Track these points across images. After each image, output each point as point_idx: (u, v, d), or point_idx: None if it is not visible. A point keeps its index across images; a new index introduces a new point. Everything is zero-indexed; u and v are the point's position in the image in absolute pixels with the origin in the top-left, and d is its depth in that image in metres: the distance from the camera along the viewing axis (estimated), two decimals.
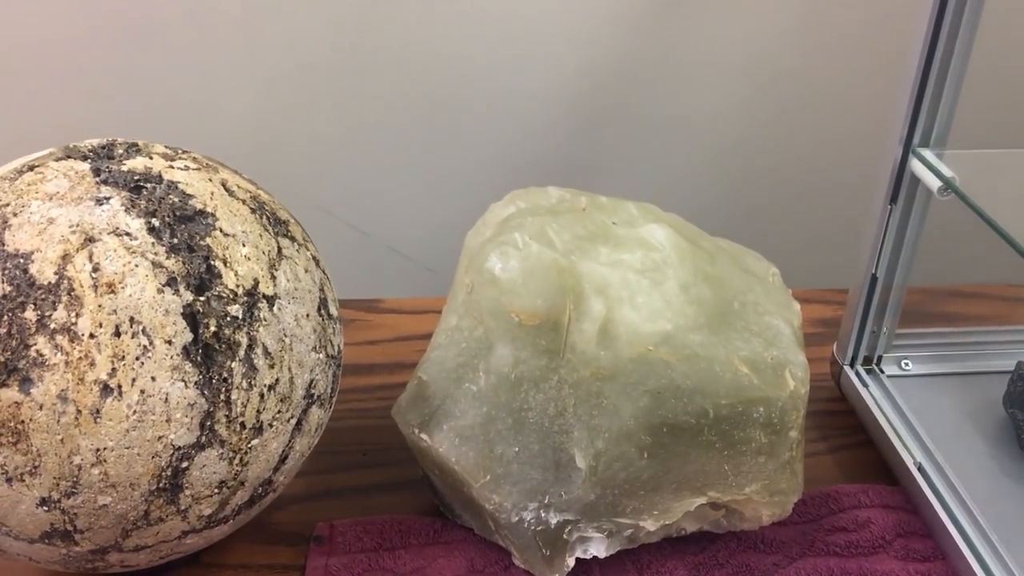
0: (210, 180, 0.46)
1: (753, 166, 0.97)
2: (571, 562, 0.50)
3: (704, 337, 0.49)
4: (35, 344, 0.40)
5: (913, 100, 0.55)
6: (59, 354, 0.40)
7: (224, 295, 0.43)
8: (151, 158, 0.46)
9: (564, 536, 0.50)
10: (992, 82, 0.86)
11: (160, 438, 0.41)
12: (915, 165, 0.56)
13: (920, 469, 0.56)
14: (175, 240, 0.43)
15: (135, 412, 0.40)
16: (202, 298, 0.42)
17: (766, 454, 0.50)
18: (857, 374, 0.63)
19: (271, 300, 0.45)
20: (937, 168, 0.54)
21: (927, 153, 0.55)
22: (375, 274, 1.00)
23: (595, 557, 0.51)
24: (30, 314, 0.40)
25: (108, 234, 0.41)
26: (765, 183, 0.98)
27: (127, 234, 0.42)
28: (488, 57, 0.89)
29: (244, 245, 0.45)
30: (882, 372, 0.64)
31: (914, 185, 0.57)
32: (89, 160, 0.45)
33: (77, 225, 0.41)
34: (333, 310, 0.50)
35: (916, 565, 0.53)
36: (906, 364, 0.64)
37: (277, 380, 0.44)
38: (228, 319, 0.43)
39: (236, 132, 0.90)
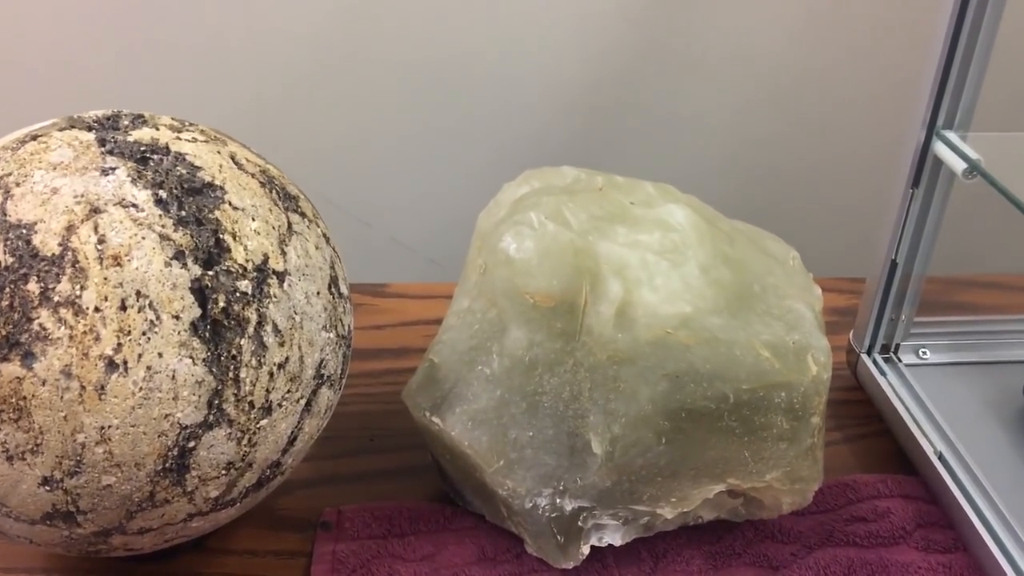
0: (218, 152, 0.45)
1: (762, 154, 0.95)
2: (586, 550, 0.49)
3: (724, 320, 0.48)
4: (38, 317, 0.38)
5: (938, 81, 0.53)
6: (63, 328, 0.38)
7: (233, 270, 0.41)
8: (157, 129, 0.44)
9: (579, 523, 0.49)
10: (1015, 62, 0.84)
11: (167, 416, 0.40)
12: (939, 148, 0.55)
13: (940, 458, 0.55)
14: (183, 213, 0.41)
15: (141, 389, 0.39)
16: (211, 272, 0.41)
17: (787, 440, 0.48)
18: (874, 362, 0.62)
19: (281, 276, 0.43)
20: (962, 150, 0.53)
21: (951, 135, 0.54)
22: (376, 264, 0.99)
23: (610, 545, 0.50)
24: (33, 286, 0.38)
25: (114, 205, 0.40)
26: (774, 172, 0.96)
27: (134, 205, 0.40)
28: (493, 47, 0.88)
29: (254, 219, 0.43)
30: (900, 361, 0.62)
31: (936, 169, 0.56)
32: (94, 130, 0.44)
33: (82, 195, 0.40)
34: (344, 289, 0.48)
35: (937, 556, 0.52)
36: (924, 353, 0.63)
37: (287, 359, 0.43)
38: (237, 295, 0.41)
39: (236, 119, 0.88)
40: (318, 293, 0.45)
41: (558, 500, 0.48)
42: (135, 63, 0.85)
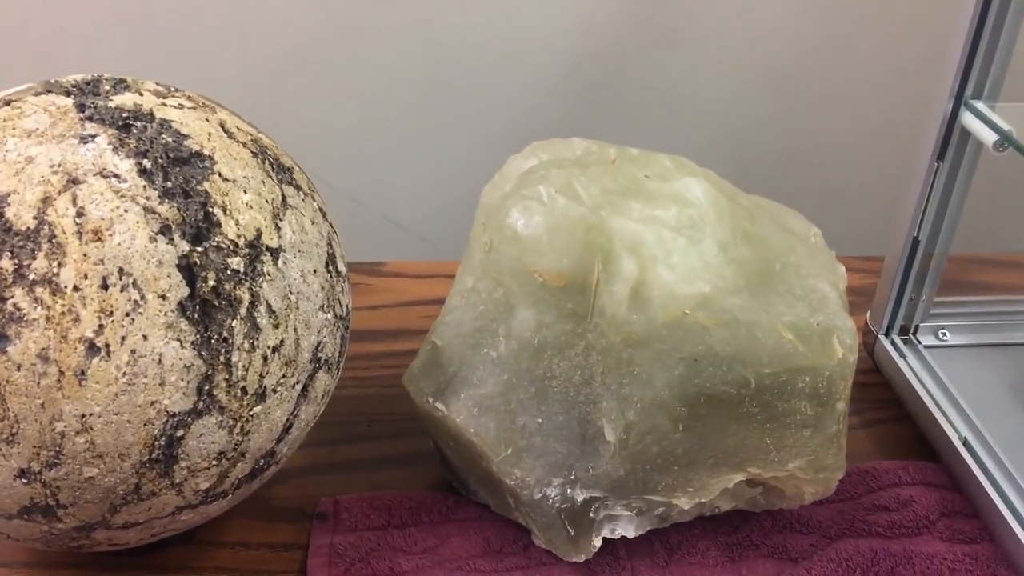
0: (207, 120, 0.42)
1: (773, 127, 0.93)
2: (598, 542, 0.46)
3: (744, 300, 0.46)
4: (12, 297, 0.35)
5: (967, 48, 0.51)
6: (39, 308, 0.35)
7: (224, 246, 0.39)
8: (141, 95, 0.41)
9: (591, 514, 0.46)
10: None
11: (153, 403, 0.37)
12: (967, 119, 0.52)
13: (965, 444, 0.53)
14: (169, 184, 0.38)
15: (125, 374, 0.36)
16: (199, 249, 0.38)
17: (812, 427, 0.46)
18: (893, 344, 0.60)
19: (275, 253, 0.40)
20: (993, 120, 0.50)
21: (980, 105, 0.52)
22: (367, 243, 0.96)
23: (623, 537, 0.47)
24: (6, 263, 0.35)
25: (94, 175, 0.37)
26: (786, 146, 0.94)
27: (115, 176, 0.37)
28: (488, 20, 0.85)
29: (245, 192, 0.40)
30: (919, 342, 0.60)
31: (963, 141, 0.53)
32: (72, 95, 0.41)
33: (59, 165, 0.37)
34: (342, 267, 0.46)
35: (962, 547, 0.49)
36: (943, 334, 0.61)
37: (282, 341, 0.40)
38: (228, 273, 0.38)
39: (221, 94, 0.85)
40: (315, 271, 0.42)
41: (569, 490, 0.46)
42: (119, 30, 0.82)
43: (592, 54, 0.87)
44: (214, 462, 0.40)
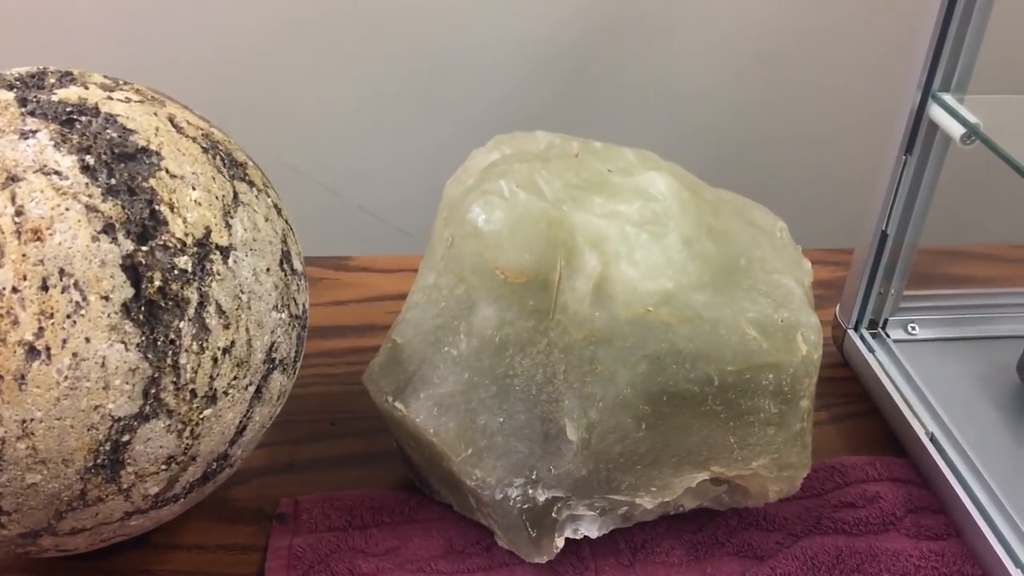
0: (155, 114, 0.40)
1: (743, 120, 0.92)
2: (560, 542, 0.46)
3: (708, 297, 0.45)
4: None
5: (935, 40, 0.50)
6: None
7: (170, 245, 0.37)
8: (87, 88, 0.40)
9: (553, 514, 0.45)
10: (1016, 20, 0.81)
11: (96, 408, 0.36)
12: (935, 111, 0.51)
13: (932, 439, 0.52)
14: (113, 181, 0.37)
15: (66, 378, 0.35)
16: (144, 248, 0.37)
17: (775, 425, 0.45)
18: (862, 338, 0.59)
19: (225, 251, 0.39)
20: (960, 113, 0.50)
21: (948, 98, 0.51)
22: (342, 234, 0.95)
23: (586, 537, 0.46)
24: None
25: (34, 172, 0.36)
26: (755, 139, 0.93)
27: (56, 172, 0.36)
28: (463, 7, 0.83)
29: (194, 188, 0.39)
30: (888, 336, 0.60)
31: (931, 134, 0.53)
32: (15, 89, 0.39)
33: None
34: (297, 264, 0.45)
35: (928, 543, 0.49)
36: (913, 328, 0.60)
37: (233, 342, 0.39)
38: (175, 272, 0.37)
39: (192, 82, 0.84)
40: (268, 270, 0.41)
41: (530, 490, 0.45)
42: (73, 19, 0.80)
43: (569, 44, 0.86)
44: (163, 467, 0.39)
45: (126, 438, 0.37)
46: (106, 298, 0.36)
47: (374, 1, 0.82)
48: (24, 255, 0.35)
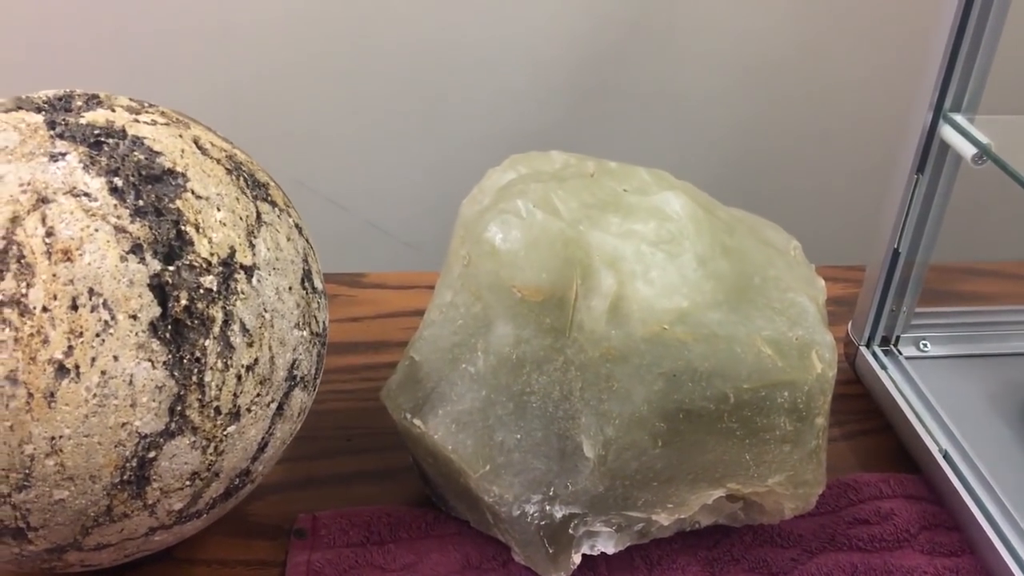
0: (180, 136, 0.41)
1: (755, 138, 0.93)
2: (577, 559, 0.46)
3: (723, 315, 0.45)
4: None
5: (946, 60, 0.51)
6: (7, 330, 0.35)
7: (196, 265, 0.38)
8: (113, 111, 0.41)
9: (570, 531, 0.46)
10: (1022, 43, 0.82)
11: (124, 425, 0.36)
12: (946, 131, 0.52)
13: (946, 456, 0.53)
14: (140, 202, 0.38)
15: (95, 396, 0.36)
16: (171, 268, 0.37)
17: (791, 442, 0.46)
18: (874, 355, 0.60)
19: (249, 271, 0.40)
20: (972, 134, 0.50)
21: (959, 118, 0.52)
22: (352, 249, 0.96)
23: (603, 553, 0.47)
24: None
25: (64, 194, 0.37)
26: (768, 156, 0.94)
27: (86, 195, 0.37)
28: (475, 26, 0.84)
29: (219, 209, 0.40)
30: (900, 353, 0.60)
31: (942, 153, 0.53)
32: (43, 112, 0.40)
33: (28, 184, 0.36)
34: (318, 283, 0.45)
35: (943, 560, 0.49)
36: (924, 345, 0.61)
37: (256, 360, 0.40)
38: (201, 291, 0.38)
39: (206, 102, 0.85)
40: (290, 288, 0.42)
41: (547, 507, 0.45)
42: (96, 43, 0.81)
43: (580, 59, 0.87)
44: (187, 482, 0.39)
45: (152, 455, 0.37)
46: (134, 317, 0.36)
47: (384, 19, 0.83)
48: (54, 275, 0.35)
